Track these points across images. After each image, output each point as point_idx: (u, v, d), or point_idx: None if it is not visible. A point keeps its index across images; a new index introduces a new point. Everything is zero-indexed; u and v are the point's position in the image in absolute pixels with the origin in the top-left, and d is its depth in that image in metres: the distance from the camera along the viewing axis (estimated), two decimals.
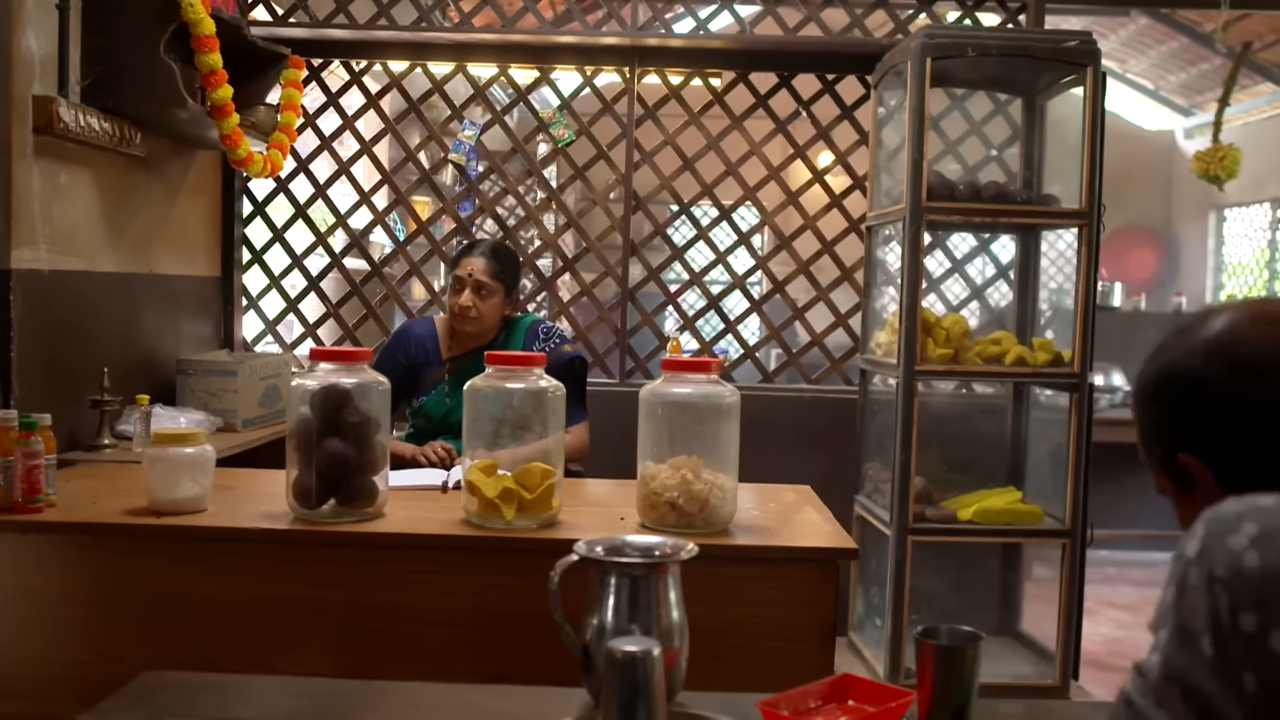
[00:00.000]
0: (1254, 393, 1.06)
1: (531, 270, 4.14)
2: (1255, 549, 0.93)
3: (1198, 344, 1.12)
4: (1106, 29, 9.78)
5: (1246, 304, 1.13)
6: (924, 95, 3.21)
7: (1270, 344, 1.07)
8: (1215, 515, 0.99)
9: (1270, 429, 1.05)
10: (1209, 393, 1.09)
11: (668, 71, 4.08)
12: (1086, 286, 3.25)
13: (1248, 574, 0.92)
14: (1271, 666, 0.89)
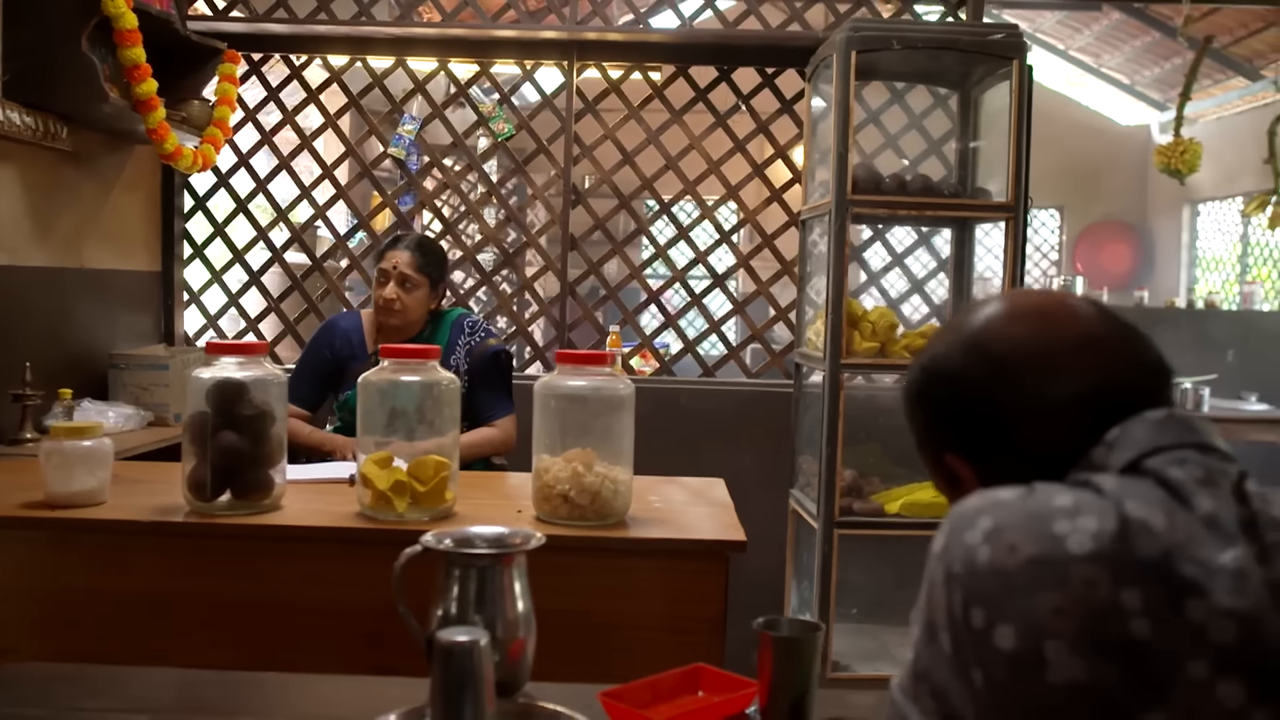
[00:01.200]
0: (1007, 390, 1.04)
1: (473, 264, 4.14)
2: (987, 544, 0.92)
3: (956, 341, 1.10)
4: (1080, 24, 9.80)
5: (1006, 298, 1.11)
6: (849, 89, 3.21)
7: (1023, 341, 1.05)
8: (958, 511, 0.99)
9: (1025, 426, 1.03)
10: (965, 391, 1.07)
11: (607, 66, 4.08)
12: (1013, 280, 3.25)
13: (979, 570, 0.92)
14: (996, 663, 0.89)
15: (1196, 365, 6.32)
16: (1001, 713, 0.88)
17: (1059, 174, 10.30)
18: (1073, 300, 1.09)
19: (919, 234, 4.07)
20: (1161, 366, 1.05)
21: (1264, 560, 0.87)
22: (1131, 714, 0.83)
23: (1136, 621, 0.84)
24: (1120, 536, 0.87)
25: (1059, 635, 0.85)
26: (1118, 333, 1.05)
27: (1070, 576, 0.87)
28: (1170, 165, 6.25)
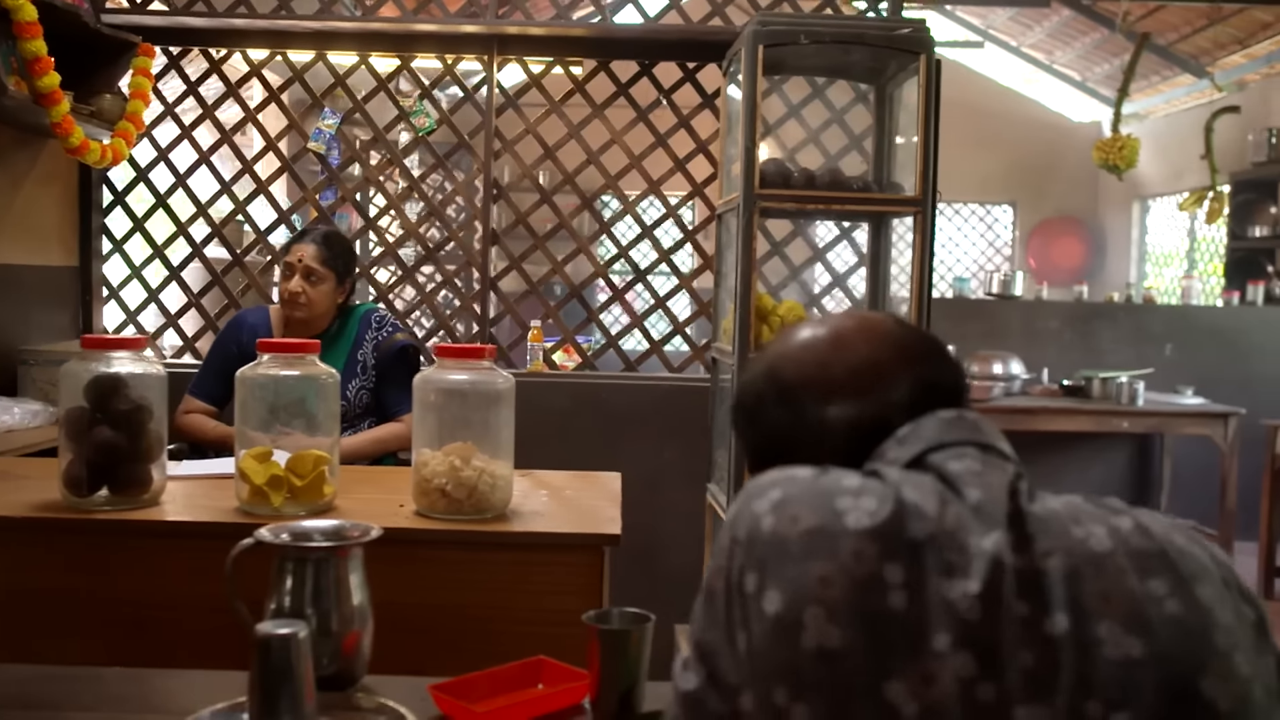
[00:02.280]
0: (790, 414, 1.08)
1: (394, 259, 4.13)
2: (772, 514, 0.95)
3: (760, 367, 1.14)
4: (1031, 20, 9.85)
5: (816, 322, 1.16)
6: (756, 83, 3.21)
7: (809, 366, 1.08)
8: (753, 482, 1.03)
9: (804, 450, 1.06)
10: (758, 415, 1.11)
11: (528, 60, 4.07)
12: (920, 273, 3.26)
13: (760, 536, 0.95)
14: (760, 626, 0.91)
15: (1135, 359, 6.38)
16: (758, 677, 0.91)
17: (1012, 170, 10.37)
18: (875, 323, 1.12)
19: (841, 229, 4.08)
20: (948, 386, 1.09)
21: (1019, 549, 0.91)
22: (871, 680, 0.86)
23: (895, 594, 0.88)
24: (895, 517, 0.91)
25: (821, 602, 0.89)
26: (904, 354, 1.08)
27: (841, 548, 0.90)
28: (1109, 160, 6.31)
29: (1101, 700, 0.85)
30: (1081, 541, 0.91)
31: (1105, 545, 0.91)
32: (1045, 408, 5.83)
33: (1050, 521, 0.93)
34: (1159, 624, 0.87)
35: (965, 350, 6.22)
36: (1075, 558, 0.90)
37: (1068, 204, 10.45)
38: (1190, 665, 0.86)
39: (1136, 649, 0.86)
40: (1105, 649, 0.86)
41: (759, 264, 4.08)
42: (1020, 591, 0.88)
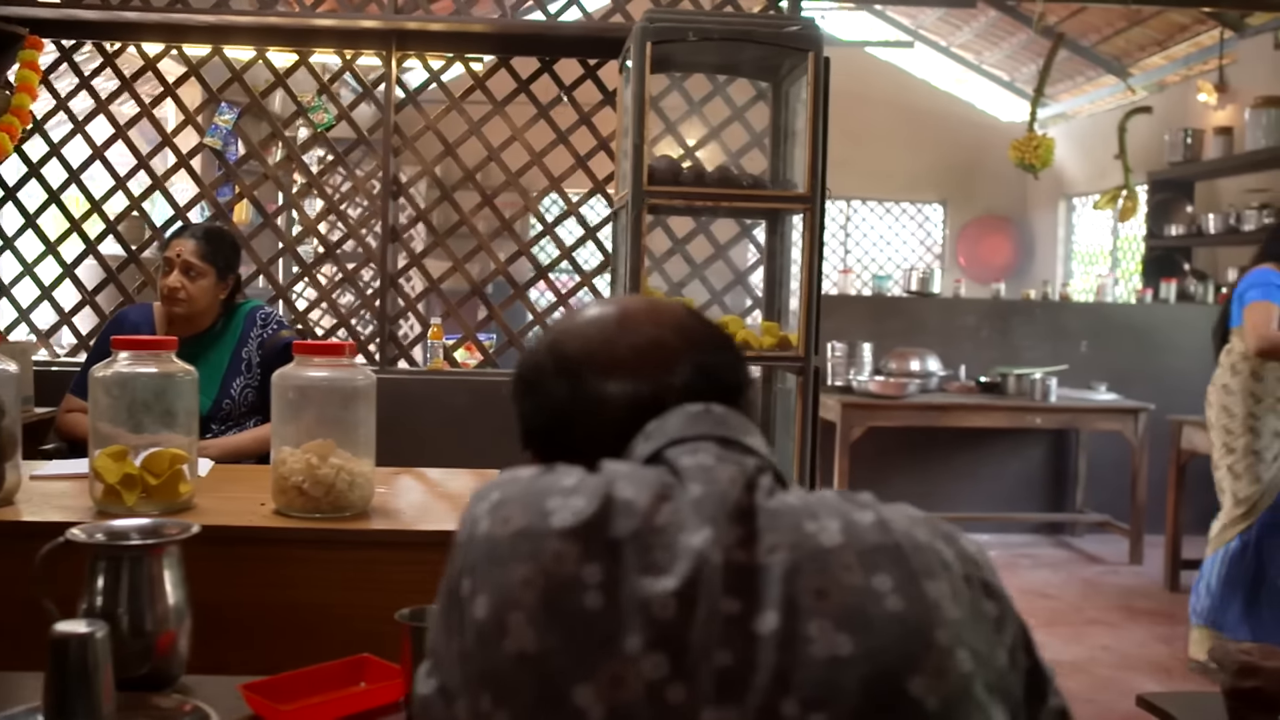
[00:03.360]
0: (570, 388, 1.05)
1: (293, 257, 4.09)
2: (489, 516, 0.94)
3: (543, 341, 1.11)
4: (960, 21, 9.94)
5: (603, 301, 1.14)
6: (644, 79, 3.21)
7: (594, 341, 1.06)
8: (483, 485, 1.00)
9: (581, 425, 1.05)
10: (537, 388, 1.08)
11: (428, 56, 4.05)
12: (810, 270, 3.27)
13: (476, 539, 0.94)
14: (471, 631, 0.90)
15: (1051, 356, 6.46)
16: (469, 683, 0.90)
17: (942, 169, 10.47)
18: (664, 307, 1.11)
19: (743, 226, 4.10)
20: (728, 379, 1.07)
21: (743, 545, 0.89)
22: (564, 685, 0.85)
23: (591, 595, 0.86)
24: (599, 515, 0.89)
25: (522, 606, 0.87)
26: (688, 340, 1.07)
27: (543, 549, 0.89)
28: (1024, 160, 6.38)
29: (799, 700, 0.83)
30: (811, 537, 0.90)
31: (835, 540, 0.90)
32: (960, 404, 5.89)
33: (782, 517, 0.91)
34: (877, 621, 0.86)
35: (884, 347, 6.27)
36: (799, 553, 0.88)
37: (997, 203, 10.57)
38: (901, 663, 0.85)
39: (846, 647, 0.84)
40: (812, 647, 0.85)
41: (660, 261, 4.10)
42: (730, 589, 0.86)
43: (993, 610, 0.93)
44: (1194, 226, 7.43)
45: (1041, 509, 6.61)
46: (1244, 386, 4.02)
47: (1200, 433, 5.25)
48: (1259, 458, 3.99)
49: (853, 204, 10.84)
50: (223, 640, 2.13)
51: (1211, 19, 7.80)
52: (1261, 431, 3.98)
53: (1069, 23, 8.95)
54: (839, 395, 5.89)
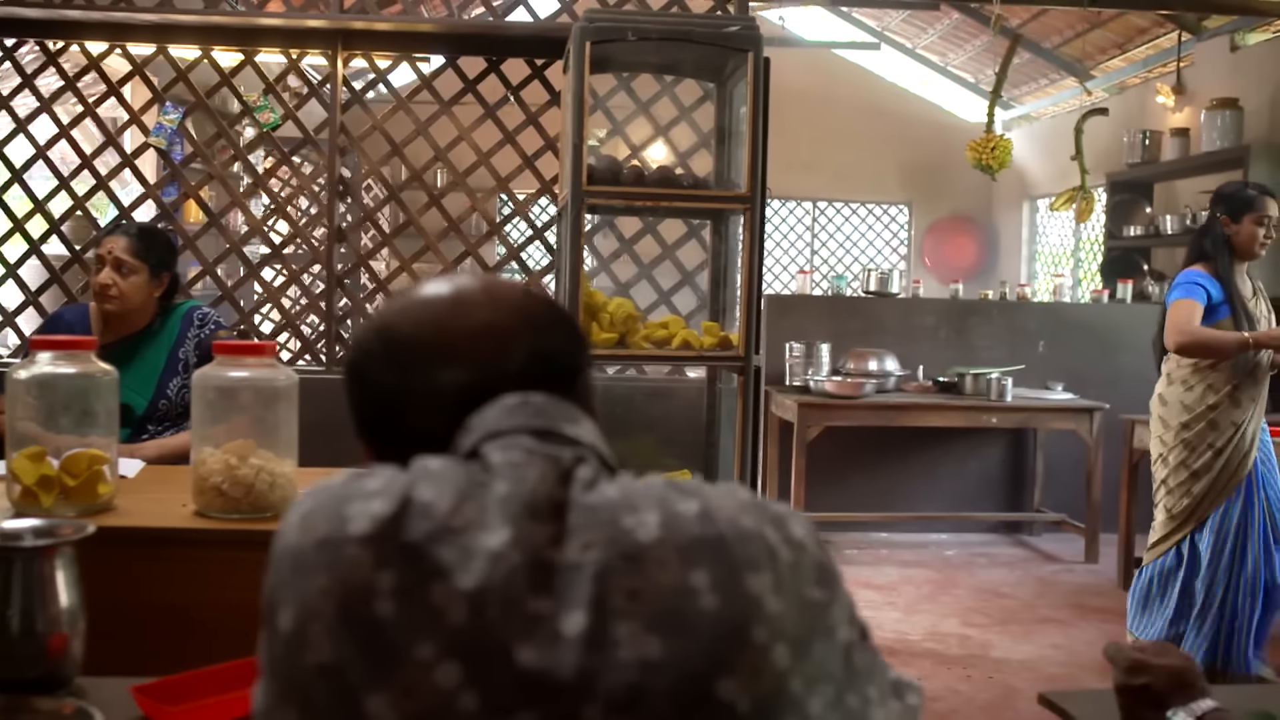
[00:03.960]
0: (399, 375, 1.00)
1: (239, 256, 4.07)
2: (297, 526, 0.91)
3: (373, 324, 1.05)
4: (925, 23, 9.99)
5: (435, 282, 1.06)
6: (583, 79, 3.21)
7: (424, 325, 1.00)
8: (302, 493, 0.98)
9: (413, 413, 1.00)
10: (366, 375, 1.02)
11: (375, 56, 4.04)
12: (750, 270, 3.28)
13: (285, 550, 0.90)
14: (277, 645, 0.88)
15: (1008, 356, 6.49)
16: (279, 695, 0.88)
17: (908, 170, 10.52)
18: (500, 288, 1.05)
19: (690, 226, 4.10)
20: (565, 362, 1.03)
21: (554, 543, 0.86)
22: (358, 695, 0.82)
23: (383, 602, 0.83)
24: (396, 519, 0.86)
25: (321, 617, 0.85)
26: (525, 322, 1.02)
27: (341, 558, 0.86)
28: (982, 160, 6.41)
29: (603, 705, 0.81)
30: (628, 532, 0.86)
31: (652, 535, 0.86)
32: (916, 404, 5.91)
33: (600, 512, 0.88)
34: (691, 621, 0.83)
35: (843, 347, 6.29)
36: (613, 551, 0.85)
37: (962, 204, 10.62)
38: (711, 666, 0.82)
39: (656, 650, 0.82)
40: (620, 651, 0.82)
41: (608, 261, 4.10)
42: (536, 589, 0.83)
43: (820, 597, 0.90)
44: (1152, 227, 7.49)
45: (1000, 508, 6.65)
46: (1176, 398, 3.92)
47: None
48: (1190, 471, 3.85)
49: (819, 205, 10.87)
50: (141, 641, 2.13)
51: (1170, 22, 7.86)
52: (1195, 445, 3.84)
53: (1031, 25, 9.01)
54: (796, 395, 5.90)
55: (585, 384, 1.05)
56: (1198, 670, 1.46)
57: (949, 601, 5.21)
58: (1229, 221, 3.88)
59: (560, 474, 0.91)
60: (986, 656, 4.44)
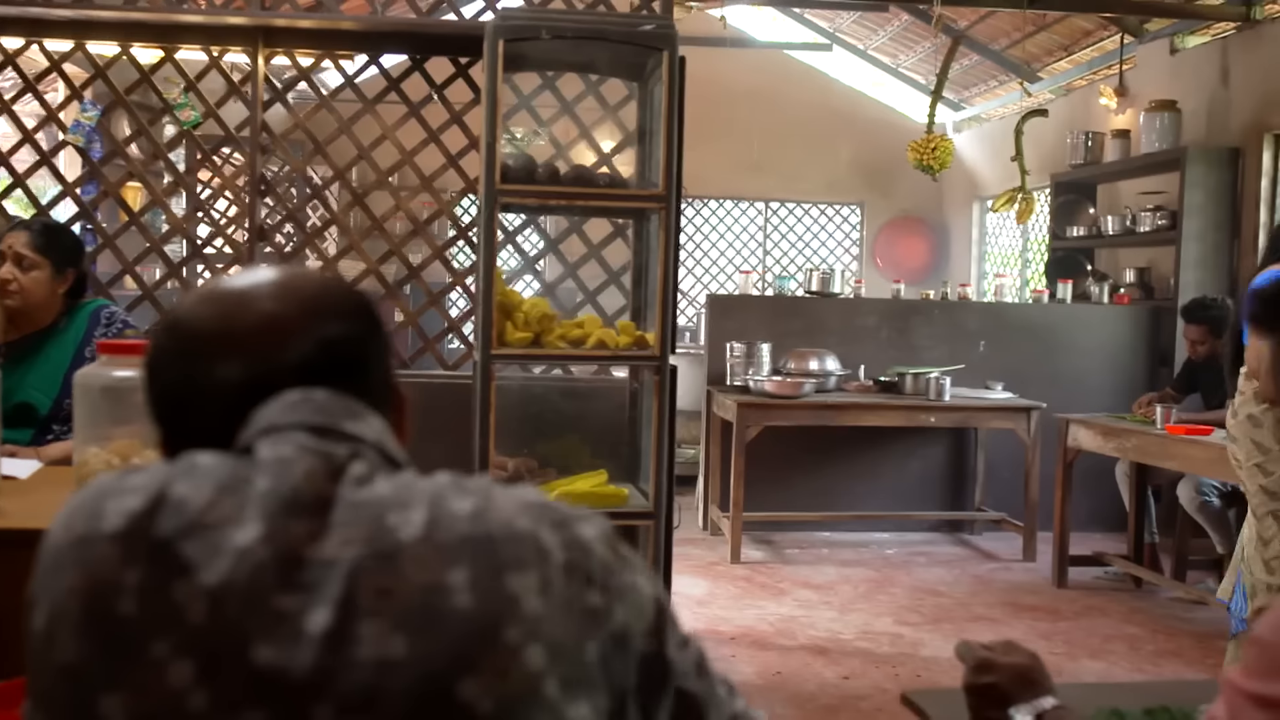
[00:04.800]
0: (184, 369, 0.97)
1: (160, 256, 4.03)
2: (62, 523, 0.90)
3: (165, 318, 1.03)
4: (876, 24, 10.02)
5: (235, 276, 1.05)
6: (496, 77, 3.19)
7: (207, 319, 0.98)
8: None
9: (195, 411, 0.97)
10: (154, 371, 1.00)
11: (297, 53, 4.01)
12: (666, 269, 3.27)
13: (46, 549, 0.90)
14: (31, 645, 0.86)
15: (950, 356, 6.53)
16: (29, 700, 0.86)
17: (860, 171, 10.55)
18: (294, 279, 1.02)
19: (615, 225, 4.09)
20: (351, 352, 1.00)
21: (311, 539, 0.85)
22: (94, 695, 0.81)
23: (127, 600, 0.82)
24: (147, 515, 0.85)
25: (68, 615, 0.84)
26: (312, 312, 0.99)
27: (92, 555, 0.85)
28: (923, 161, 6.44)
29: (334, 706, 0.80)
30: (390, 530, 0.85)
31: (414, 534, 0.85)
32: (855, 403, 5.93)
33: (365, 509, 0.87)
34: (440, 620, 0.82)
35: (785, 347, 6.30)
36: (371, 548, 0.84)
37: (913, 204, 10.66)
38: (454, 666, 0.81)
39: (399, 649, 0.81)
40: (361, 649, 0.81)
41: (534, 261, 4.09)
42: (284, 586, 0.82)
43: (596, 601, 0.89)
44: (1095, 228, 7.54)
45: (941, 507, 6.68)
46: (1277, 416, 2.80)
47: (1086, 430, 5.34)
48: None
49: (771, 205, 10.89)
50: (18, 645, 2.10)
51: (1113, 25, 7.93)
52: None
53: (979, 28, 9.06)
54: (736, 395, 5.91)
55: (380, 376, 1.03)
56: (1043, 668, 1.46)
57: (884, 600, 5.23)
58: None
59: (332, 470, 0.90)
60: (916, 655, 4.46)
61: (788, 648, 4.53)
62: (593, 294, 4.12)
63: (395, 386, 1.08)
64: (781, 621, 4.88)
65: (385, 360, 1.05)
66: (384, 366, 1.05)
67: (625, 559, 0.94)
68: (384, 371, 1.04)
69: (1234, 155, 6.58)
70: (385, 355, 1.06)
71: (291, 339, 0.97)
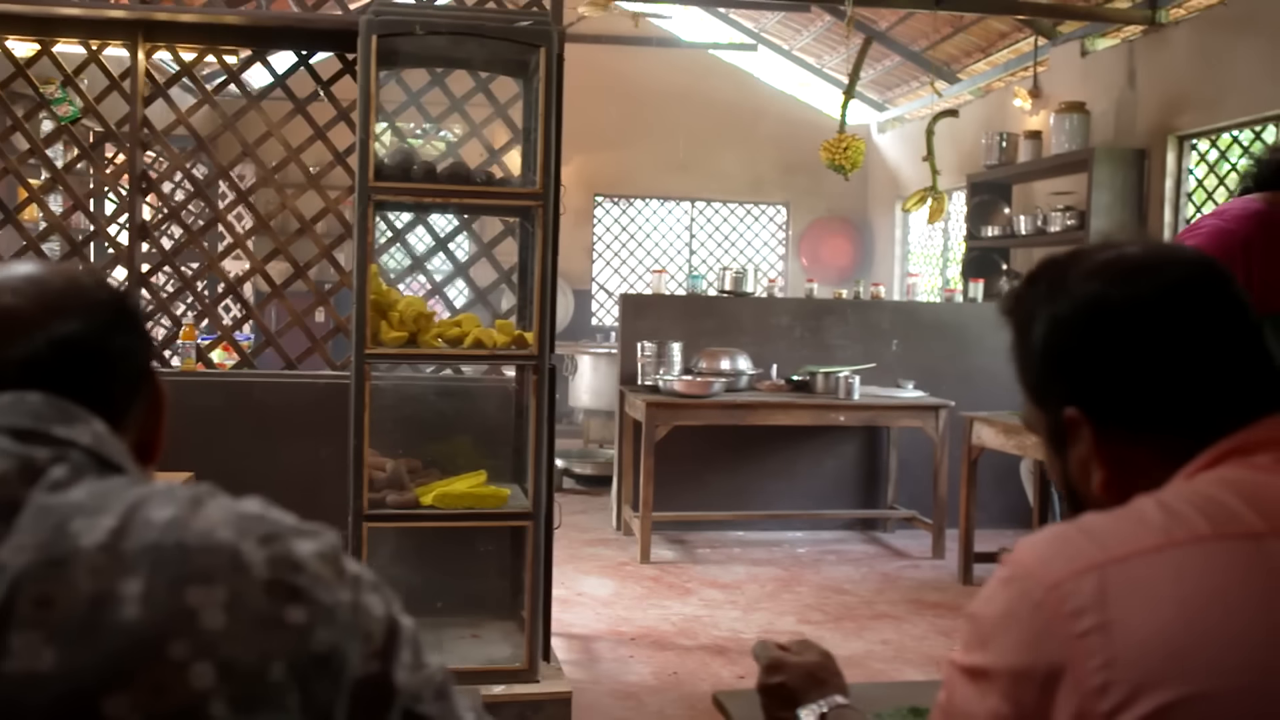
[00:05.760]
0: None
1: (37, 254, 3.94)
2: None
3: None
4: (800, 25, 10.07)
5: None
6: (370, 73, 3.15)
7: None
8: None
9: None
10: None
11: (180, 48, 3.93)
12: (543, 268, 3.25)
13: None
14: None
15: (863, 355, 6.56)
16: None
17: (785, 171, 10.60)
18: (45, 275, 0.99)
19: (505, 224, 4.06)
20: (84, 346, 0.97)
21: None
22: None
23: None
24: None
25: None
26: (44, 308, 0.96)
27: None
28: (834, 161, 6.46)
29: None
30: (70, 537, 0.82)
31: (94, 541, 0.82)
32: (764, 402, 5.94)
33: (52, 514, 0.84)
34: (99, 632, 0.78)
35: (699, 347, 6.30)
36: (42, 555, 0.81)
37: (838, 205, 10.73)
38: (103, 680, 0.77)
39: (47, 662, 0.77)
40: (10, 661, 0.77)
41: (424, 259, 4.05)
42: None
43: (299, 619, 0.85)
44: (1009, 228, 7.62)
45: (855, 506, 6.71)
46: None
47: (989, 428, 5.38)
48: None
49: (698, 205, 10.91)
50: None
51: (1028, 27, 8.02)
52: None
53: (899, 29, 9.13)
54: (646, 394, 5.89)
55: (127, 376, 1.00)
56: (834, 667, 1.46)
57: (790, 599, 5.24)
58: None
59: (27, 474, 0.87)
60: None
61: (687, 648, 4.52)
62: (484, 292, 4.09)
63: (155, 386, 1.06)
64: (684, 621, 4.87)
65: (136, 360, 1.02)
66: (133, 366, 1.02)
67: (349, 577, 0.91)
68: (134, 371, 1.01)
69: (1139, 156, 6.68)
70: (136, 355, 1.02)
71: (22, 336, 0.94)
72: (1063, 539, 0.94)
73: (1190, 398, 1.02)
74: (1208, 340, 1.02)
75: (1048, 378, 1.09)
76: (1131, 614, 0.87)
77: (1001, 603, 0.94)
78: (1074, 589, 0.90)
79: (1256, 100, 5.90)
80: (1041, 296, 1.10)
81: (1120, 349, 1.03)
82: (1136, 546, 0.90)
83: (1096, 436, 1.05)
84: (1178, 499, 0.93)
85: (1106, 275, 1.06)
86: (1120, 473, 1.04)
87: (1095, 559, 0.91)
